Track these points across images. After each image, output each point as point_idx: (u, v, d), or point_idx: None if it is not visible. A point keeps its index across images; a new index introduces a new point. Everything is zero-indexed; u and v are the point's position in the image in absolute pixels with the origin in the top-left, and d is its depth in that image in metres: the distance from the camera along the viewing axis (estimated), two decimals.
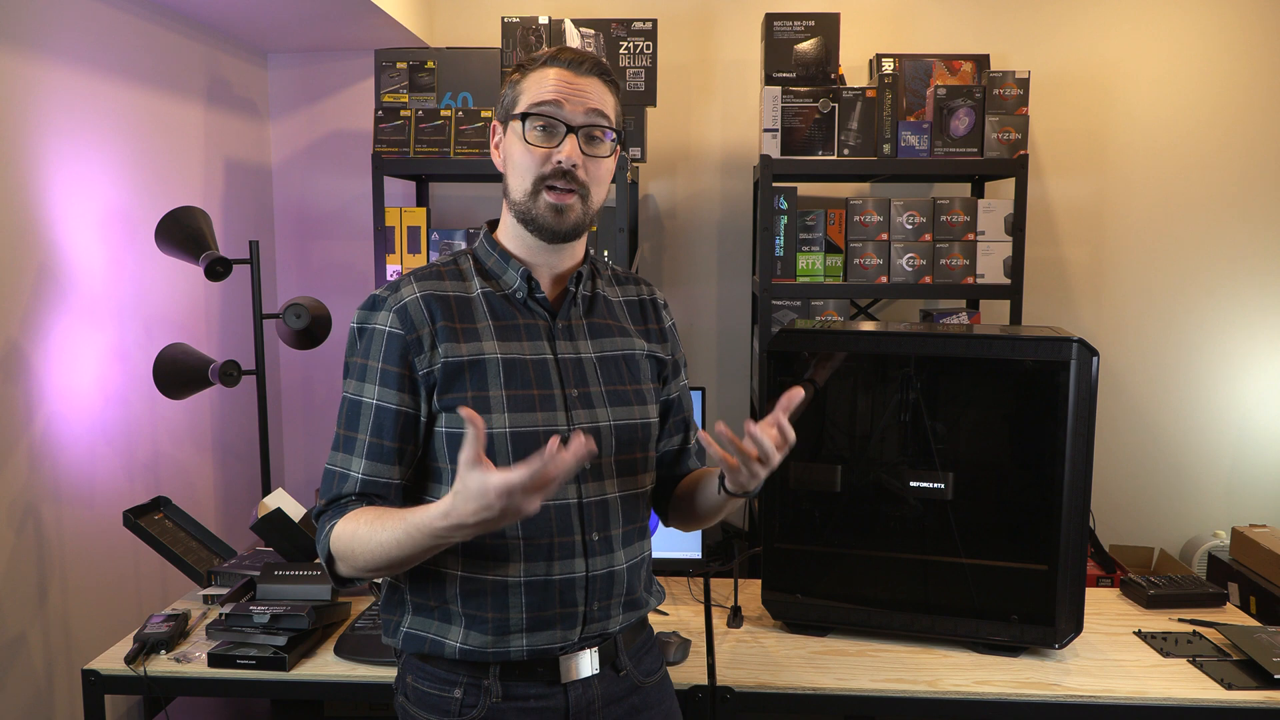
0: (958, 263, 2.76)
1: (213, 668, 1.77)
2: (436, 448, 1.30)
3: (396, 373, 1.28)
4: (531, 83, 1.31)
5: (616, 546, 1.33)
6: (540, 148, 1.28)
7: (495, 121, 1.37)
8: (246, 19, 2.89)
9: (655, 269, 3.34)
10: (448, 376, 1.27)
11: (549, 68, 1.31)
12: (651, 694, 1.41)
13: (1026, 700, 1.70)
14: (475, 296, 1.33)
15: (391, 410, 1.28)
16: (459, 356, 1.27)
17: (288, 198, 3.38)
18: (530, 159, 1.29)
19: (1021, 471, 1.84)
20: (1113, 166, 3.19)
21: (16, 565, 2.17)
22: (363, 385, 1.29)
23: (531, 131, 1.29)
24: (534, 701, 1.30)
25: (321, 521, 1.30)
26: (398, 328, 1.28)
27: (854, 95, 2.73)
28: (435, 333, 1.28)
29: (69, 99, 2.33)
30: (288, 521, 2.07)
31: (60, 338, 2.31)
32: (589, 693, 1.33)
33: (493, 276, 1.36)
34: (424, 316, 1.28)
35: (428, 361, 1.28)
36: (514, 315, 1.33)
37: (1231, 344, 3.21)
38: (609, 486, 1.34)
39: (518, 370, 1.29)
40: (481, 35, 3.21)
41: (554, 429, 1.28)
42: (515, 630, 1.29)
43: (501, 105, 1.35)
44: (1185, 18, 3.12)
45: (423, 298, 1.30)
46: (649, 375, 1.42)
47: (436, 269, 1.36)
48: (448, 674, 1.31)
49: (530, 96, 1.30)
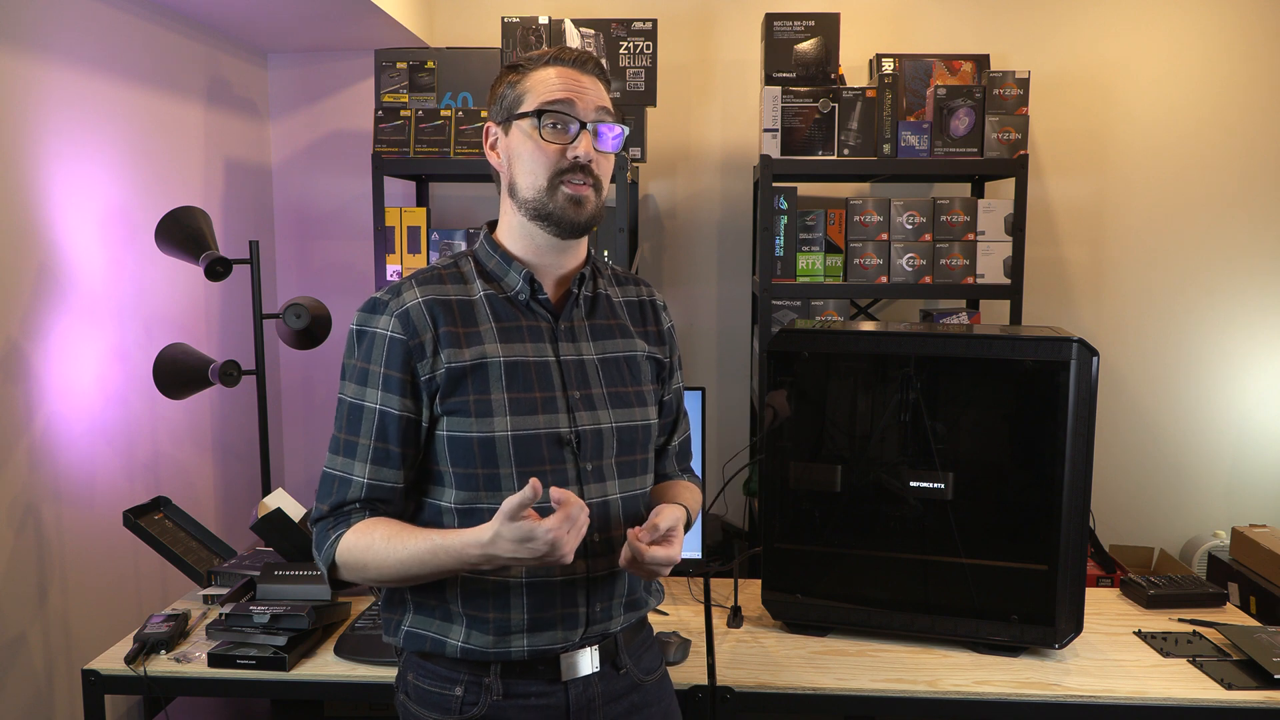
0: (958, 263, 2.76)
1: (213, 668, 1.77)
2: (438, 451, 1.30)
3: (399, 378, 1.28)
4: (535, 82, 1.31)
5: (617, 547, 1.33)
6: (554, 144, 1.29)
7: (490, 123, 1.37)
8: (246, 19, 2.88)
9: (655, 269, 3.34)
10: (450, 382, 1.27)
11: (550, 67, 1.32)
12: (651, 692, 1.42)
13: (1026, 700, 1.70)
14: (478, 299, 1.33)
15: (395, 415, 1.28)
16: (461, 361, 1.27)
17: (288, 198, 3.38)
18: (545, 155, 1.29)
19: (1021, 471, 1.84)
20: (1113, 166, 3.19)
21: (16, 565, 2.17)
22: (364, 389, 1.29)
23: (545, 129, 1.29)
24: (535, 699, 1.31)
25: (322, 528, 1.30)
26: (400, 332, 1.28)
27: (854, 95, 2.73)
28: (438, 338, 1.28)
29: (69, 99, 2.33)
30: (288, 521, 2.07)
31: (60, 338, 2.31)
32: (589, 690, 1.33)
33: (494, 278, 1.35)
34: (426, 321, 1.28)
35: (430, 367, 1.28)
36: (516, 317, 1.33)
37: (1231, 344, 3.21)
38: (610, 488, 1.34)
39: (520, 373, 1.29)
40: (481, 35, 3.21)
41: (555, 431, 1.29)
42: (516, 631, 1.29)
43: (500, 105, 1.35)
44: (1185, 18, 3.12)
45: (425, 302, 1.29)
46: (649, 377, 1.43)
47: (437, 272, 1.35)
48: (449, 672, 1.31)
49: (539, 95, 1.30)
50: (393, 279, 2.80)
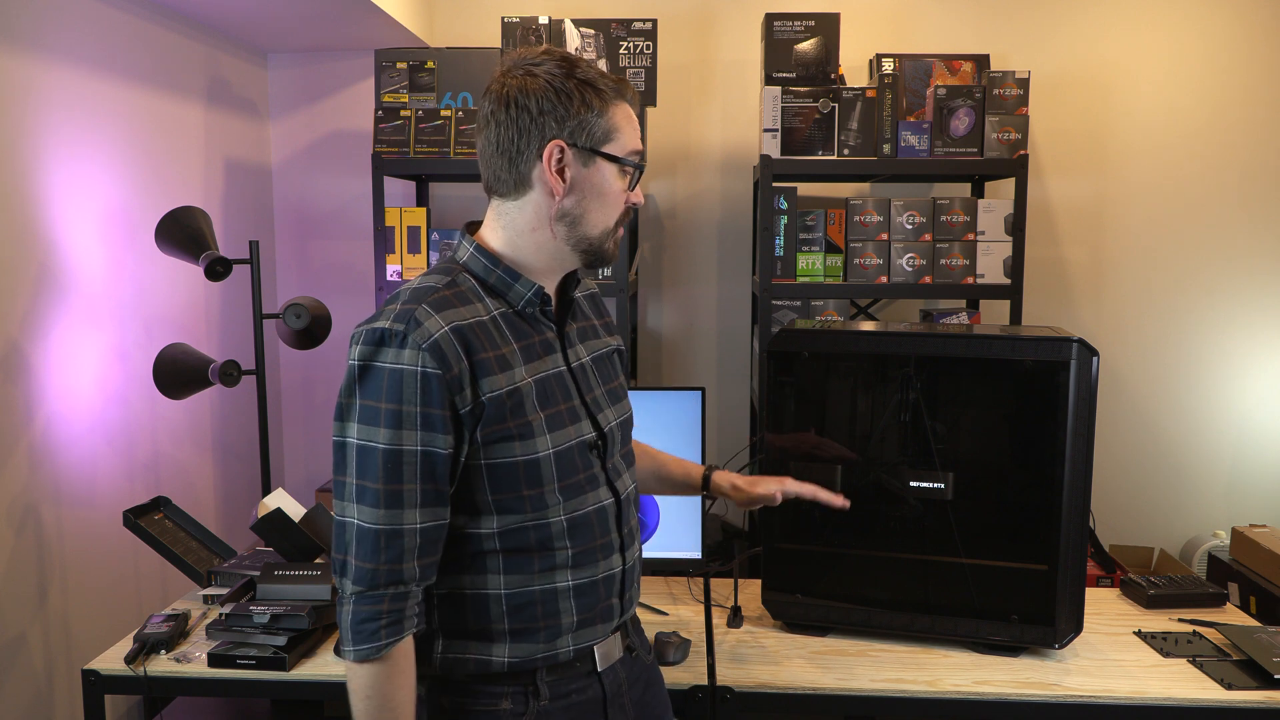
0: (958, 263, 2.76)
1: (213, 668, 1.77)
2: (474, 481, 1.23)
3: (440, 415, 1.18)
4: (620, 121, 1.28)
5: (636, 534, 1.40)
6: (629, 194, 1.31)
7: (559, 141, 1.24)
8: (246, 19, 2.88)
9: (655, 269, 3.34)
10: (493, 412, 1.21)
11: (625, 103, 1.29)
12: (653, 670, 1.49)
13: (1026, 700, 1.70)
14: (490, 319, 1.25)
15: (442, 455, 1.19)
16: (498, 390, 1.21)
17: (288, 198, 3.38)
18: (619, 204, 1.30)
19: (1021, 471, 1.84)
20: (1113, 166, 3.19)
21: (16, 565, 2.17)
22: (399, 433, 1.17)
23: (631, 180, 1.30)
24: (575, 695, 1.31)
25: (371, 605, 1.17)
26: (434, 367, 1.17)
27: (854, 95, 2.73)
28: (472, 367, 1.20)
29: (69, 99, 2.33)
30: (288, 521, 2.07)
31: (60, 338, 2.31)
32: (618, 676, 1.36)
33: (498, 293, 1.28)
34: (458, 352, 1.19)
35: (469, 399, 1.20)
36: (529, 333, 1.29)
37: (1231, 344, 3.21)
38: (628, 479, 1.40)
39: (547, 389, 1.28)
40: (481, 35, 3.21)
41: (584, 439, 1.30)
42: (566, 632, 1.29)
43: (582, 129, 1.24)
44: (1185, 18, 3.12)
45: (452, 330, 1.19)
46: (621, 368, 1.48)
47: (442, 295, 1.23)
48: (494, 687, 1.28)
49: (627, 141, 1.29)
50: (393, 279, 2.80)
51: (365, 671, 1.18)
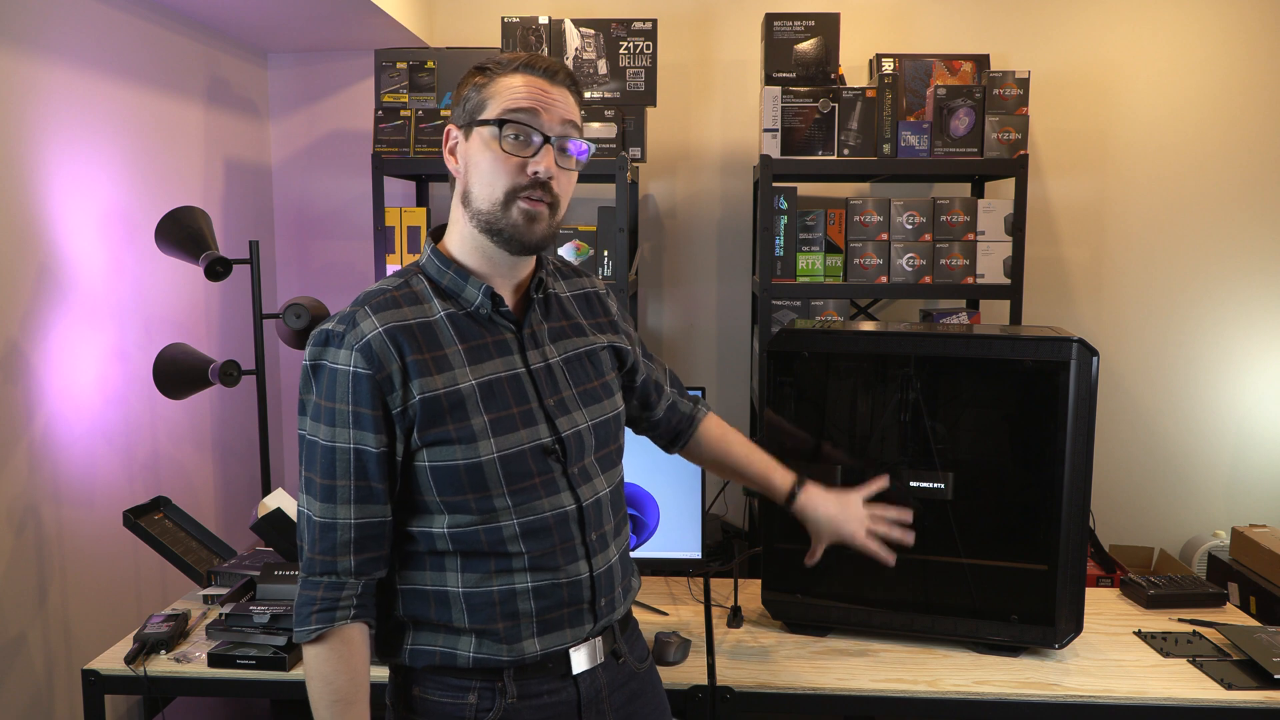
0: (958, 263, 2.76)
1: (213, 668, 1.77)
2: (420, 482, 1.24)
3: (370, 414, 1.20)
4: (501, 88, 1.24)
5: (610, 540, 1.34)
6: (515, 157, 1.23)
7: (451, 125, 1.29)
8: (246, 19, 2.89)
9: (655, 269, 3.34)
10: (427, 413, 1.21)
11: (518, 74, 1.25)
12: (645, 679, 1.43)
13: (1026, 700, 1.70)
14: (437, 319, 1.25)
15: (373, 453, 1.21)
16: (434, 390, 1.21)
17: (288, 198, 3.38)
18: (503, 168, 1.23)
19: (1021, 471, 1.84)
20: (1113, 166, 3.19)
21: (16, 565, 2.17)
22: (334, 430, 1.21)
23: (506, 140, 1.23)
24: (547, 697, 1.30)
25: (309, 592, 1.23)
26: (364, 367, 1.20)
27: (854, 95, 2.73)
28: (405, 369, 1.21)
29: (69, 99, 2.33)
30: (288, 521, 2.07)
31: (60, 338, 2.31)
32: (597, 682, 1.34)
33: (451, 294, 1.28)
34: (391, 353, 1.20)
35: (401, 399, 1.21)
36: (481, 334, 1.27)
37: (1231, 344, 3.21)
38: (599, 485, 1.34)
39: (495, 391, 1.25)
40: (481, 35, 3.21)
41: (539, 443, 1.26)
42: (527, 636, 1.27)
43: (463, 108, 1.27)
44: (1185, 18, 3.12)
45: (386, 331, 1.21)
46: (611, 366, 1.41)
47: (390, 294, 1.26)
48: (461, 680, 1.28)
49: (502, 102, 1.24)
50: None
51: (306, 652, 1.24)
